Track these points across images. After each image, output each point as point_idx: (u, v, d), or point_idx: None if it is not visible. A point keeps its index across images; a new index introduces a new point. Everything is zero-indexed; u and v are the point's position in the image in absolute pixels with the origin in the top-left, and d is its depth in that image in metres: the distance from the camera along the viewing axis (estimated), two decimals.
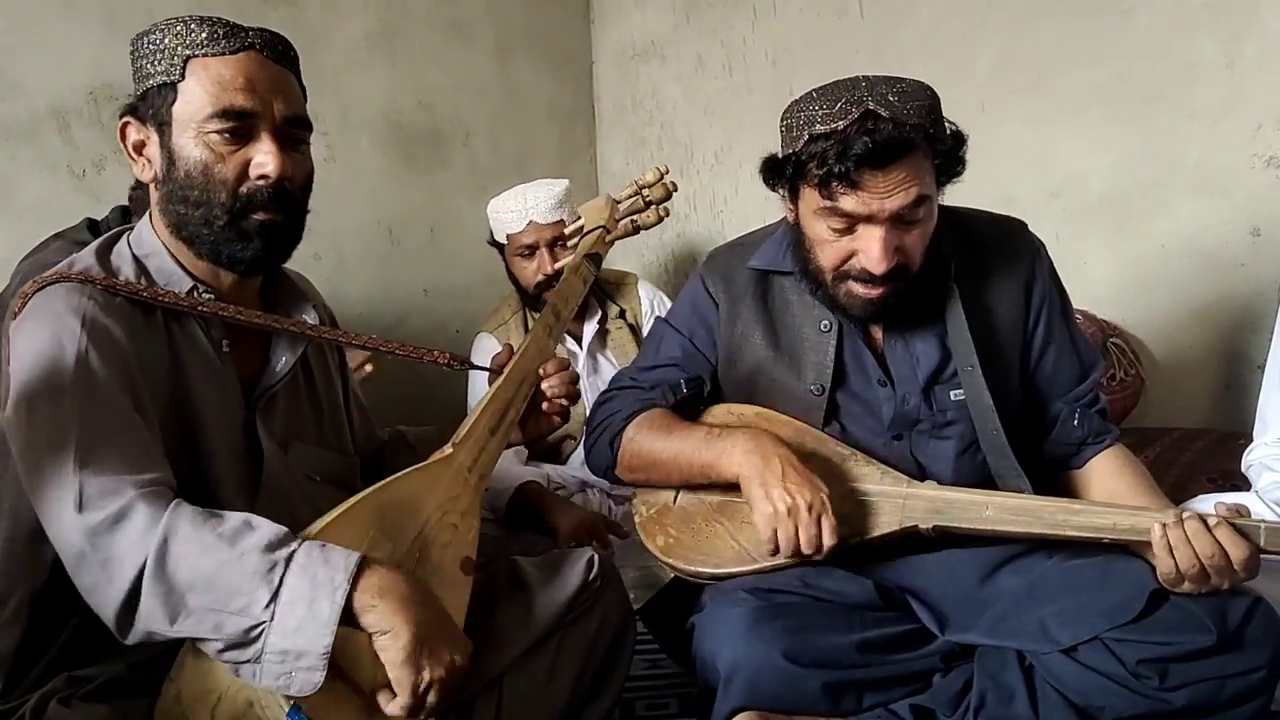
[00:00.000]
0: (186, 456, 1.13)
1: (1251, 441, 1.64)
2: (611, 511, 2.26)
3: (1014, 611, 1.31)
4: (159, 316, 1.16)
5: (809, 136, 1.29)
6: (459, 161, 3.14)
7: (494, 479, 2.12)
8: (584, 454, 1.64)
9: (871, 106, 1.26)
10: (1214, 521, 1.19)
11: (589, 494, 2.32)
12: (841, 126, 1.26)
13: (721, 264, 1.57)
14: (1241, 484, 1.69)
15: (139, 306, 1.14)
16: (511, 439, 1.39)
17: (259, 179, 1.15)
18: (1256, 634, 1.21)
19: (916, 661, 1.32)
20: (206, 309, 1.18)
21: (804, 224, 1.39)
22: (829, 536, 1.27)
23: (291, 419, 1.29)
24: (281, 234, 1.19)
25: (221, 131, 1.13)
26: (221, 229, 1.15)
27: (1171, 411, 2.32)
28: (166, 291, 1.16)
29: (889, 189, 1.27)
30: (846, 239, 1.33)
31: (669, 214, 1.70)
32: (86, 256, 1.17)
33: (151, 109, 1.16)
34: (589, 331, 2.49)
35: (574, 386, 1.44)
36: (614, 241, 1.68)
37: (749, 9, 3.05)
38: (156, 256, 1.19)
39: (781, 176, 1.38)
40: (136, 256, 1.19)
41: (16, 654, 1.10)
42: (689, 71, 3.27)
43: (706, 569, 1.37)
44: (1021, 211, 1.58)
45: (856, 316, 1.41)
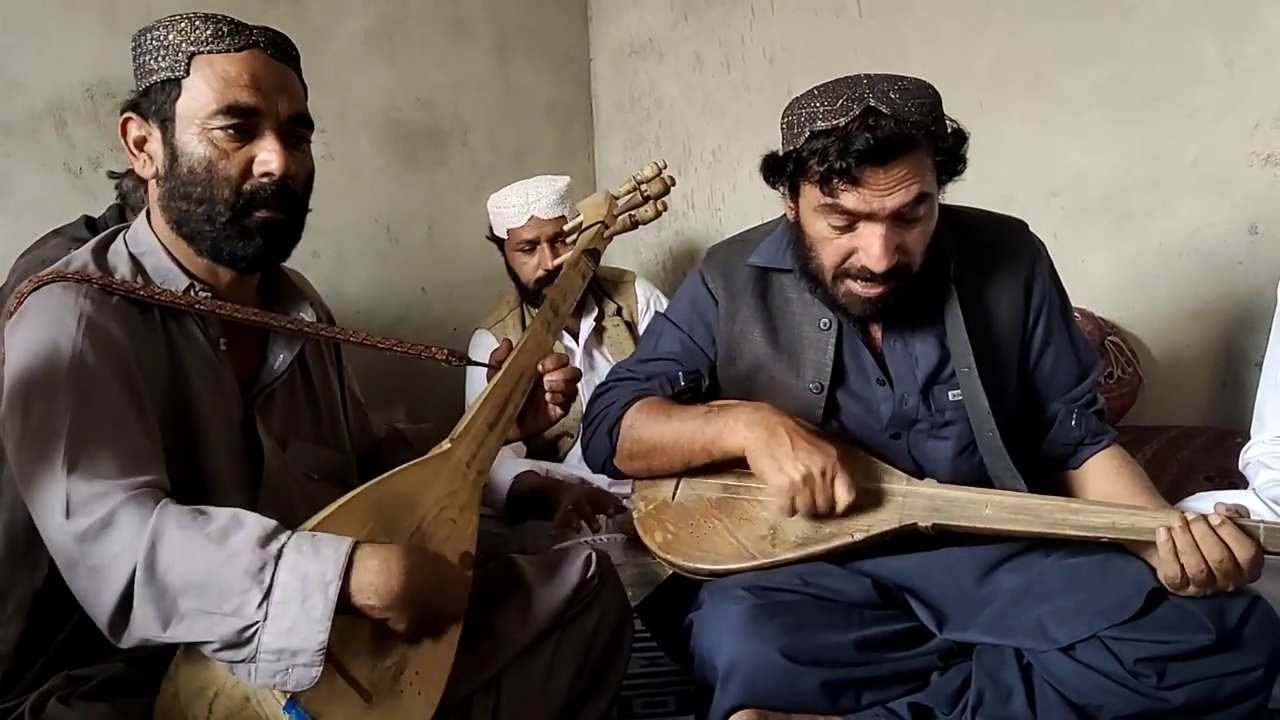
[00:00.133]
0: (185, 455, 1.13)
1: (1249, 439, 1.64)
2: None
3: (1012, 610, 1.31)
4: (156, 315, 1.15)
5: (810, 133, 1.29)
6: (458, 159, 3.14)
7: (491, 475, 2.14)
8: (581, 449, 1.63)
9: (873, 103, 1.25)
10: (1217, 520, 1.19)
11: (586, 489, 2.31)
12: (843, 123, 1.25)
13: (721, 261, 1.57)
14: (1239, 482, 1.69)
15: (136, 305, 1.13)
16: (509, 435, 1.39)
17: (262, 176, 1.15)
18: (1254, 633, 1.21)
19: (915, 660, 1.32)
20: (204, 307, 1.17)
21: (804, 222, 1.38)
22: (844, 494, 1.28)
23: (289, 417, 1.28)
24: (283, 232, 1.20)
25: (226, 128, 1.13)
26: (224, 226, 1.15)
27: (1169, 409, 2.32)
28: (163, 290, 1.15)
29: (890, 186, 1.26)
30: (847, 237, 1.33)
31: (667, 208, 1.69)
32: (83, 255, 1.16)
33: (154, 105, 1.15)
34: (586, 328, 2.48)
35: (574, 383, 1.44)
36: (612, 237, 1.68)
37: (747, 7, 3.05)
38: (153, 254, 1.19)
39: (782, 174, 1.38)
40: (133, 255, 1.19)
41: (16, 652, 1.10)
42: (687, 69, 3.27)
43: (705, 565, 1.37)
44: (1021, 210, 1.58)
45: (856, 315, 1.40)
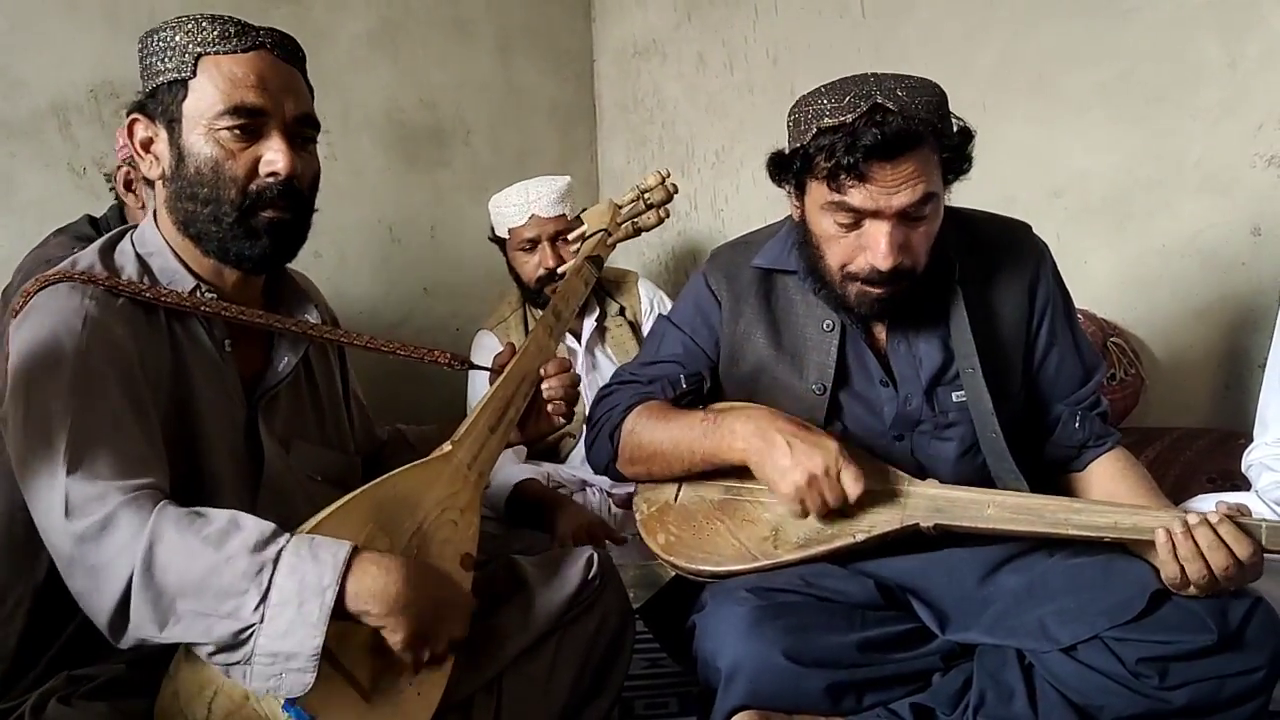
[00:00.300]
0: (187, 456, 1.13)
1: (1252, 441, 1.64)
2: (611, 511, 2.26)
3: (1014, 610, 1.31)
4: (161, 316, 1.16)
5: (817, 130, 1.29)
6: (460, 160, 3.14)
7: (492, 478, 2.13)
8: (584, 450, 1.64)
9: (880, 100, 1.26)
10: (1217, 518, 1.19)
11: (589, 493, 2.31)
12: (850, 119, 1.26)
13: (725, 262, 1.57)
14: (1241, 484, 1.69)
15: (141, 306, 1.14)
16: (511, 439, 1.39)
17: (269, 176, 1.15)
18: (1257, 634, 1.21)
19: (917, 660, 1.32)
20: (209, 309, 1.18)
21: (810, 220, 1.39)
22: (853, 486, 1.28)
23: (293, 418, 1.29)
24: (289, 232, 1.20)
25: (232, 128, 1.13)
26: (230, 226, 1.16)
27: (1172, 411, 2.32)
28: (169, 291, 1.16)
29: (897, 183, 1.26)
30: (853, 235, 1.33)
31: (669, 216, 1.72)
32: (89, 255, 1.17)
33: (161, 106, 1.16)
34: (588, 328, 2.49)
35: (574, 389, 1.44)
36: (615, 244, 1.70)
37: (750, 8, 3.04)
38: (160, 255, 1.19)
39: (788, 171, 1.38)
40: (140, 255, 1.19)
41: (16, 651, 1.10)
42: (690, 70, 3.27)
43: (708, 567, 1.37)
44: (1023, 211, 1.58)
45: (861, 315, 1.40)
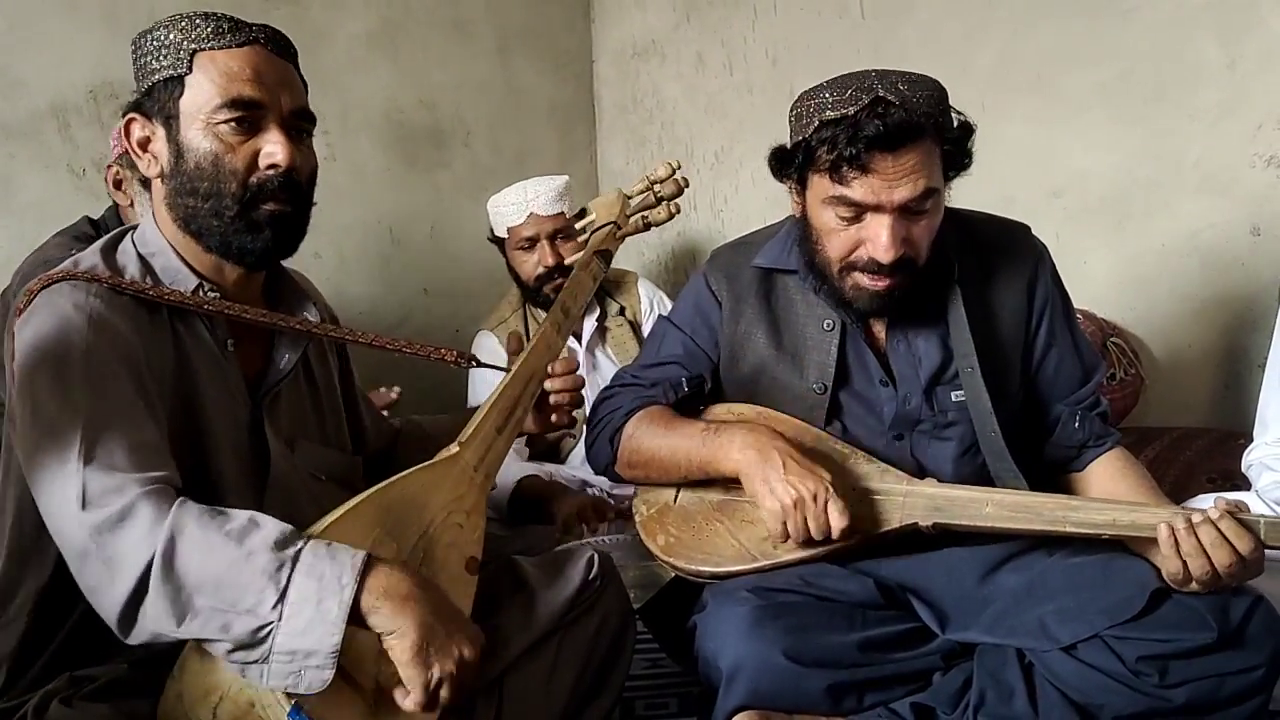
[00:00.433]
0: (192, 455, 1.13)
1: (1251, 441, 1.64)
2: None
3: (1014, 610, 1.31)
4: (164, 315, 1.16)
5: (819, 122, 1.30)
6: (460, 160, 3.14)
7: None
8: (584, 451, 1.64)
9: (882, 93, 1.27)
10: (1218, 514, 1.19)
11: (589, 493, 2.31)
12: (852, 112, 1.27)
13: (725, 262, 1.57)
14: (1241, 484, 1.69)
15: (144, 305, 1.14)
16: (523, 427, 1.39)
17: (269, 169, 1.15)
18: (1257, 632, 1.21)
19: (917, 660, 1.32)
20: (212, 307, 1.18)
21: (811, 215, 1.39)
22: (838, 519, 1.27)
23: (296, 417, 1.29)
24: (290, 225, 1.20)
25: (230, 121, 1.13)
26: (231, 220, 1.16)
27: (1171, 411, 2.32)
28: (172, 290, 1.16)
29: (898, 176, 1.27)
30: (854, 228, 1.34)
31: (680, 210, 1.66)
32: (92, 255, 1.17)
33: (157, 104, 1.16)
34: (588, 328, 2.49)
35: (578, 392, 1.44)
36: (624, 238, 1.65)
37: (749, 8, 3.05)
38: (162, 254, 1.19)
39: (790, 165, 1.39)
40: (141, 254, 1.19)
41: (19, 652, 1.10)
42: (689, 71, 3.27)
43: (708, 568, 1.38)
44: (1022, 211, 1.58)
45: (862, 310, 1.41)
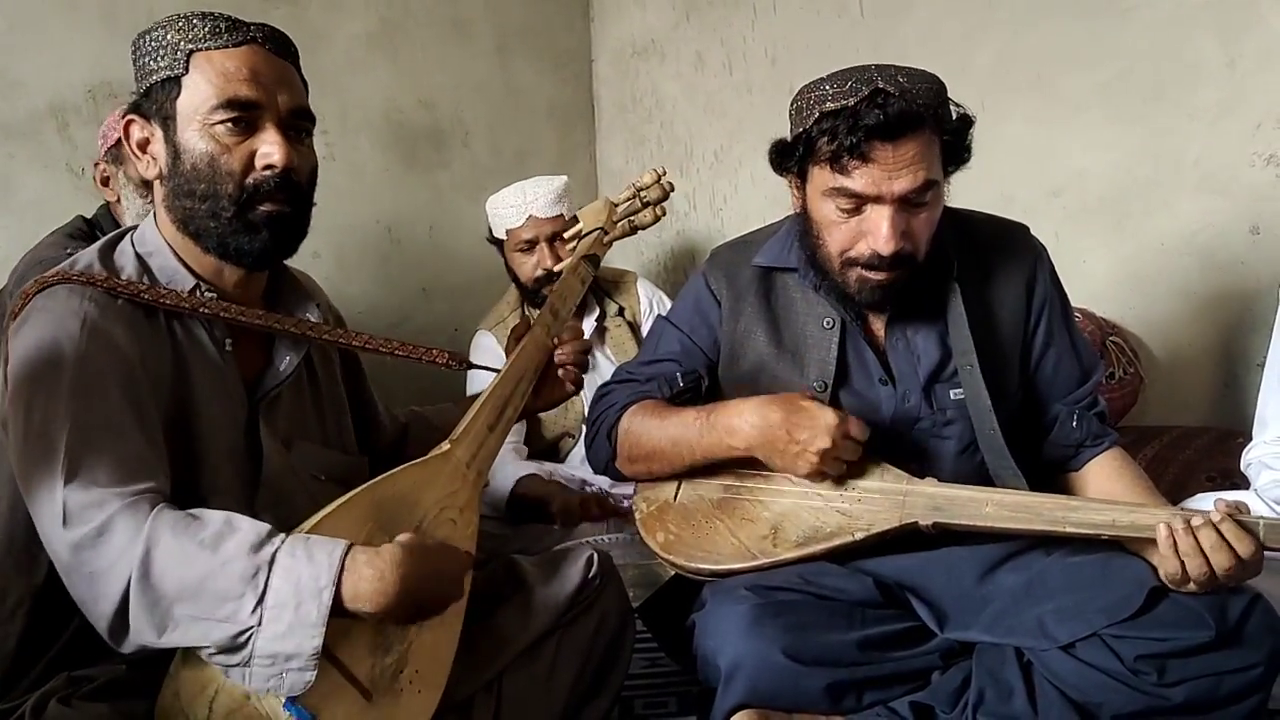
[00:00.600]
0: (188, 457, 1.13)
1: (1251, 440, 1.64)
2: None
3: (1013, 609, 1.31)
4: (161, 317, 1.15)
5: (820, 114, 1.31)
6: (459, 160, 3.14)
7: (492, 477, 2.14)
8: (584, 450, 1.64)
9: (881, 85, 1.28)
10: (1218, 517, 1.19)
11: (589, 492, 2.31)
12: (852, 103, 1.28)
13: (725, 261, 1.57)
14: (1240, 482, 1.69)
15: (141, 307, 1.13)
16: (526, 407, 1.42)
17: (265, 169, 1.15)
18: (1255, 631, 1.21)
19: (916, 659, 1.32)
20: (209, 309, 1.17)
21: (811, 208, 1.39)
22: (860, 434, 1.34)
23: (295, 418, 1.28)
24: (288, 226, 1.19)
25: (226, 121, 1.13)
26: (229, 221, 1.15)
27: (1170, 410, 2.32)
28: (169, 292, 1.15)
29: (898, 166, 1.28)
30: (855, 220, 1.34)
31: (665, 214, 1.72)
32: (89, 255, 1.16)
33: (155, 105, 1.16)
34: (588, 328, 2.48)
35: (585, 355, 1.49)
36: (612, 242, 1.70)
37: (749, 8, 3.05)
38: (160, 255, 1.19)
39: (791, 158, 1.39)
40: (139, 255, 1.18)
41: (16, 652, 1.10)
42: (689, 70, 3.27)
43: (707, 565, 1.38)
44: (1021, 210, 1.58)
45: (862, 304, 1.41)
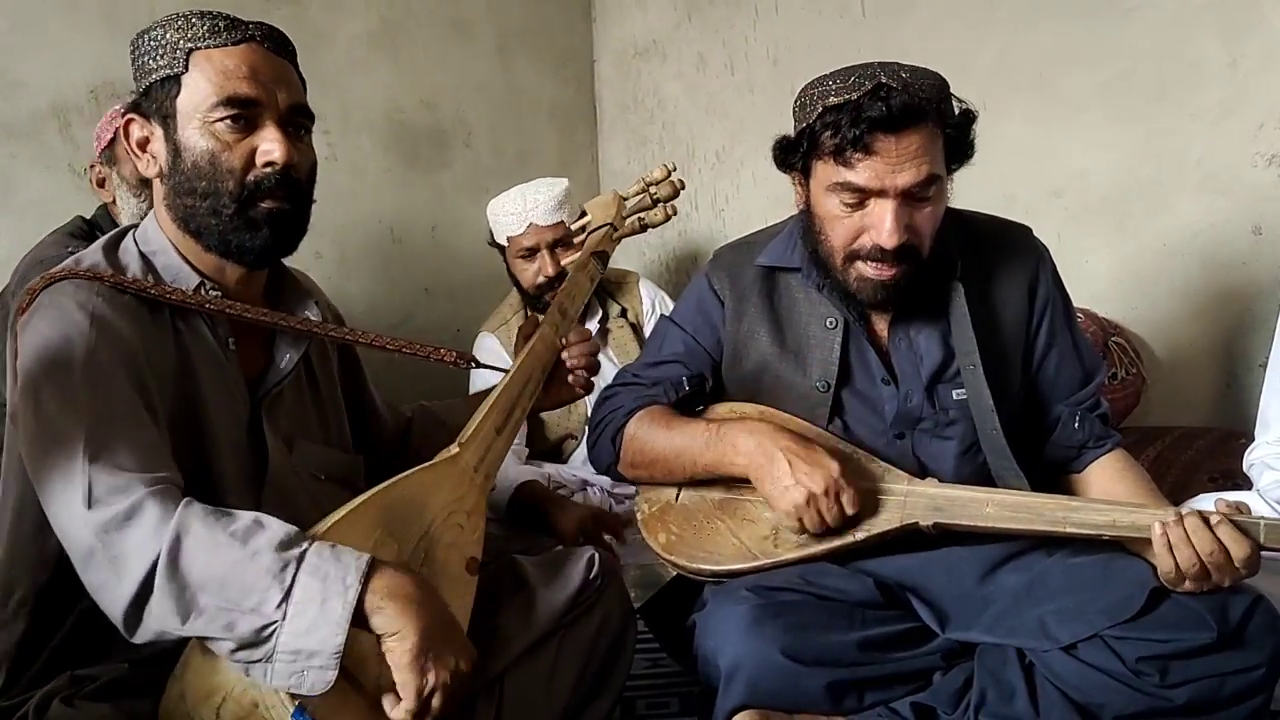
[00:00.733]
0: (192, 454, 1.13)
1: (1253, 440, 1.64)
2: (612, 510, 2.26)
3: (1014, 609, 1.31)
4: (166, 314, 1.16)
5: (823, 108, 1.32)
6: (460, 161, 3.14)
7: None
8: (587, 451, 1.64)
9: (884, 79, 1.28)
10: (1215, 519, 1.19)
11: (590, 493, 2.31)
12: (855, 97, 1.29)
13: (727, 262, 1.57)
14: (1243, 483, 1.69)
15: (146, 304, 1.14)
16: (535, 406, 1.42)
17: (266, 166, 1.15)
18: (1257, 632, 1.21)
19: (917, 659, 1.32)
20: (213, 306, 1.18)
21: (815, 204, 1.40)
22: (850, 507, 1.30)
23: (297, 417, 1.29)
24: (289, 222, 1.20)
25: (226, 119, 1.13)
26: (230, 218, 1.16)
27: (1172, 410, 2.32)
28: (174, 289, 1.16)
29: (901, 160, 1.28)
30: (858, 215, 1.34)
31: (676, 212, 1.68)
32: (94, 253, 1.17)
33: (155, 104, 1.16)
34: (590, 330, 2.48)
35: (595, 358, 1.48)
36: (620, 239, 1.67)
37: (751, 8, 3.05)
38: (163, 253, 1.19)
39: (794, 154, 1.40)
40: (143, 253, 1.19)
41: (19, 651, 1.10)
42: (690, 70, 3.27)
43: (708, 566, 1.38)
44: (1023, 210, 1.58)
45: (866, 302, 1.41)
